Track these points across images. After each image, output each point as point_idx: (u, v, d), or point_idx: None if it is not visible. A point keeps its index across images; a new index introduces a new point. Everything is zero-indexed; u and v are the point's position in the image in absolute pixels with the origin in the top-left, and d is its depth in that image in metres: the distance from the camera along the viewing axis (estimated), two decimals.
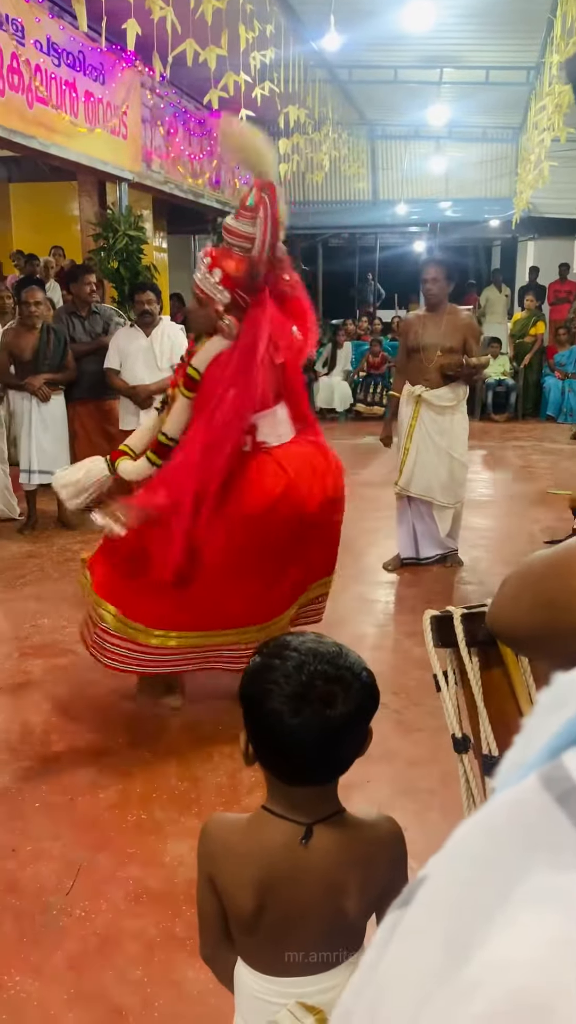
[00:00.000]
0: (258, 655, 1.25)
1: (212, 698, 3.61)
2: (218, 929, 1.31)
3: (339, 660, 1.20)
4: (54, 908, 2.37)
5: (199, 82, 7.91)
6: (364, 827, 1.29)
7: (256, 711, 1.20)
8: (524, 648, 1.45)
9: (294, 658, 1.19)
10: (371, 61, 9.88)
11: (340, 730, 1.17)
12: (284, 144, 8.92)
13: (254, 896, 1.23)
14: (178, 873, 2.51)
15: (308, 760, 1.19)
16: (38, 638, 4.26)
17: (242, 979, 1.31)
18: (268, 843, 1.24)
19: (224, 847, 1.28)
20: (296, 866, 1.23)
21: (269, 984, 1.27)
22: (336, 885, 1.23)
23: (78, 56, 7.46)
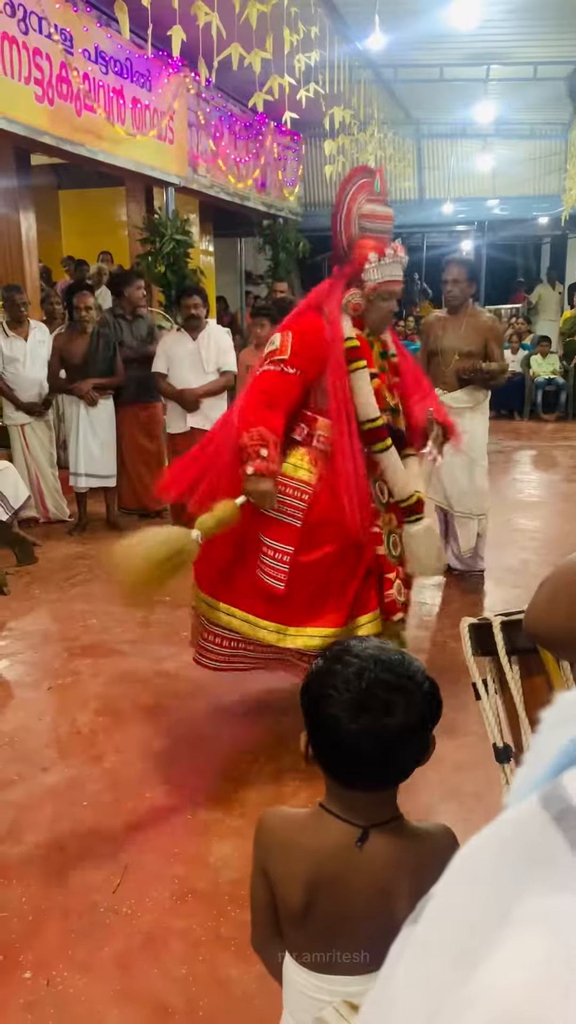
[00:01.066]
0: (322, 658, 1.25)
1: (258, 699, 3.63)
2: (269, 920, 1.33)
3: (400, 668, 1.20)
4: (101, 906, 2.41)
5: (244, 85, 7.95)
6: (421, 836, 1.28)
7: (316, 714, 1.21)
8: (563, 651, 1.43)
9: (355, 664, 1.19)
10: (416, 60, 9.83)
11: (399, 739, 1.17)
12: (329, 145, 8.93)
13: (304, 892, 1.24)
14: (223, 874, 2.52)
15: (365, 767, 1.19)
16: (87, 638, 4.33)
17: (290, 974, 1.32)
18: (323, 841, 1.25)
19: (279, 840, 1.29)
20: (348, 867, 1.23)
21: (316, 981, 1.28)
22: (386, 891, 1.23)
23: (125, 63, 7.56)
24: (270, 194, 11.71)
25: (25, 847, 2.66)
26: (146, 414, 6.57)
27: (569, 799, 0.34)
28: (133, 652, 4.16)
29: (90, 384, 6.08)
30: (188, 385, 6.08)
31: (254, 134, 10.92)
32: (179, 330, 6.27)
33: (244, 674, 3.50)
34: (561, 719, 0.39)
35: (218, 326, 6.42)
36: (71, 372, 6.18)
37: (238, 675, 3.53)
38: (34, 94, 6.34)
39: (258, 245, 12.64)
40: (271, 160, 11.56)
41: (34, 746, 3.29)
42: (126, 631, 4.41)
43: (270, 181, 11.63)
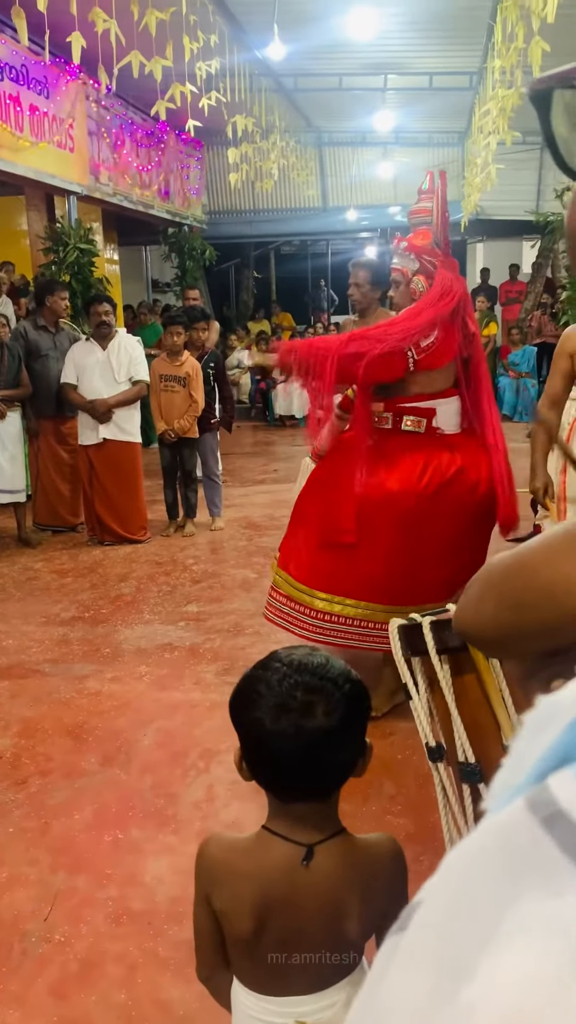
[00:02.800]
0: (250, 668, 1.25)
1: (183, 714, 3.59)
2: (214, 949, 1.31)
3: (321, 671, 1.20)
4: (33, 935, 2.33)
5: (146, 93, 7.90)
6: (365, 846, 1.28)
7: (242, 721, 1.22)
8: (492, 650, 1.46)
9: (278, 669, 1.20)
10: (316, 69, 9.94)
11: (320, 741, 1.17)
12: (232, 154, 8.94)
13: (252, 917, 1.22)
14: (158, 892, 2.48)
15: (292, 771, 1.19)
16: (3, 659, 4.20)
17: (239, 999, 1.31)
18: (268, 864, 1.24)
19: (223, 867, 1.27)
20: (296, 888, 1.22)
21: (266, 1004, 1.27)
22: (336, 907, 1.23)
23: (21, 70, 7.40)
24: (174, 202, 11.65)
25: None
26: (66, 428, 6.45)
27: (557, 802, 0.34)
28: (53, 672, 4.06)
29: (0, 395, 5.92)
30: (99, 395, 5.99)
31: (156, 142, 10.84)
32: (88, 339, 6.17)
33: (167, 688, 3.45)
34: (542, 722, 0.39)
35: (129, 335, 6.35)
36: None
37: (163, 689, 3.49)
38: None
39: (164, 253, 12.55)
40: (174, 168, 11.51)
41: None
42: (44, 650, 4.30)
43: (174, 189, 11.57)
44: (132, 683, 3.90)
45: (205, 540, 6.31)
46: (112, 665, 4.11)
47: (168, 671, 4.02)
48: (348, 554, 3.30)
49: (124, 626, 4.61)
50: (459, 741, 1.63)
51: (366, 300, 4.66)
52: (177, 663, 4.10)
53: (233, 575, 5.42)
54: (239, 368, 13.57)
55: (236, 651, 4.18)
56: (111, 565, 5.70)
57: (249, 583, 5.23)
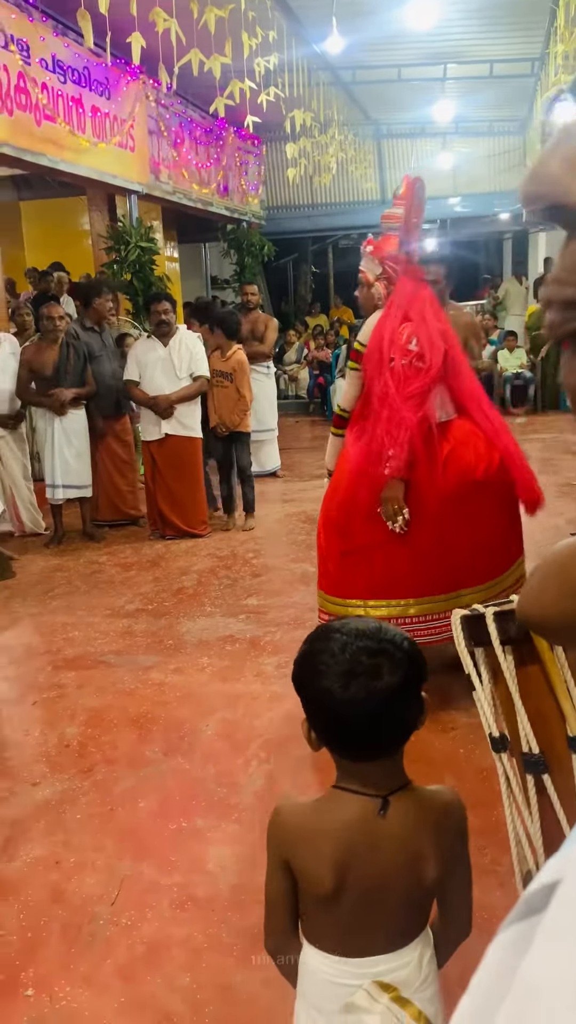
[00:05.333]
0: (306, 643, 1.31)
1: (245, 704, 3.62)
2: (287, 916, 1.36)
3: (380, 635, 1.26)
4: (100, 918, 2.39)
5: (204, 91, 7.96)
6: (432, 795, 1.35)
7: (310, 694, 1.27)
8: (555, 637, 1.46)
9: (338, 639, 1.26)
10: (374, 61, 9.89)
11: (390, 700, 1.23)
12: (291, 148, 8.95)
13: (334, 873, 1.27)
14: (221, 879, 2.52)
15: (364, 733, 1.25)
16: (70, 651, 4.30)
17: (312, 966, 1.34)
18: (345, 819, 1.28)
19: (300, 829, 1.32)
20: (374, 838, 1.28)
21: (343, 966, 1.30)
22: (414, 852, 1.29)
23: (83, 72, 7.53)
24: (233, 198, 11.71)
25: (20, 863, 2.64)
26: (119, 424, 6.57)
27: None
28: (118, 663, 4.14)
29: (70, 395, 6.04)
30: (161, 391, 6.07)
31: (215, 139, 10.92)
32: (149, 337, 6.25)
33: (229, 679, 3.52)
34: None
35: (189, 332, 6.41)
36: (41, 384, 6.13)
37: (224, 680, 3.60)
38: None
39: (223, 250, 12.63)
40: (233, 165, 11.57)
41: (23, 761, 3.26)
42: (109, 642, 4.39)
43: (232, 185, 11.64)
44: (194, 674, 3.96)
45: (264, 534, 6.35)
46: (175, 656, 4.17)
47: (229, 663, 4.06)
48: (369, 556, 3.36)
49: (186, 618, 4.67)
50: (523, 732, 1.62)
51: (441, 295, 4.62)
52: (238, 655, 4.14)
53: (292, 569, 5.45)
54: (297, 363, 13.58)
55: (296, 644, 4.16)
56: (173, 559, 5.78)
57: (308, 576, 5.25)
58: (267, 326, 8.10)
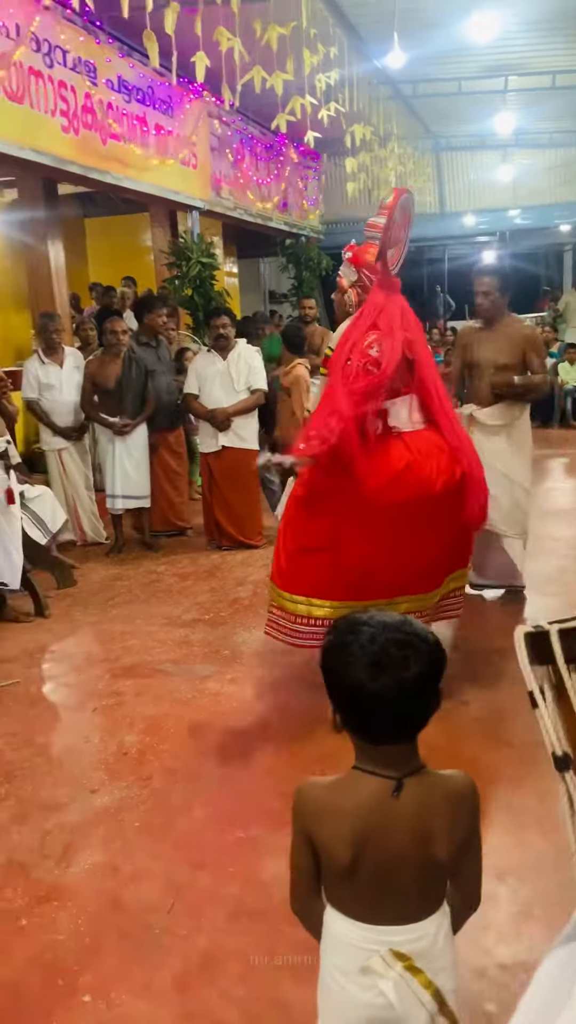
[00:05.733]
0: (331, 634, 1.40)
1: (303, 715, 3.62)
2: (310, 883, 1.46)
3: (406, 627, 1.36)
4: (157, 927, 2.40)
5: (266, 107, 8.05)
6: (445, 779, 1.42)
7: (339, 683, 1.36)
8: None
9: (366, 631, 1.34)
10: (435, 75, 9.88)
11: (416, 690, 1.32)
12: (351, 163, 8.99)
13: (352, 848, 1.36)
14: (276, 892, 2.51)
15: (391, 720, 1.34)
16: (128, 659, 4.35)
17: (335, 928, 1.44)
18: (363, 798, 1.37)
19: (322, 806, 1.41)
20: (389, 817, 1.36)
21: (362, 931, 1.40)
22: (426, 832, 1.37)
23: (147, 91, 7.69)
24: (291, 213, 11.80)
25: (79, 869, 2.67)
26: (173, 437, 6.64)
27: None
28: (175, 672, 4.17)
29: (125, 428, 6.15)
30: (219, 404, 6.12)
31: (275, 155, 11.02)
32: (209, 351, 6.32)
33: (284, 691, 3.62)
34: None
35: (248, 345, 6.46)
36: (105, 397, 6.24)
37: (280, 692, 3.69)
38: (60, 125, 6.46)
39: (281, 264, 12.72)
40: (292, 180, 11.66)
41: (82, 768, 3.30)
42: (167, 651, 4.43)
43: (292, 201, 11.72)
44: (251, 685, 3.97)
45: None
46: (231, 667, 4.19)
47: (285, 674, 4.06)
48: (317, 558, 3.45)
49: (242, 629, 4.69)
50: None
51: (495, 308, 4.58)
52: (294, 667, 4.13)
53: None
54: None
55: None
56: (229, 569, 5.81)
57: None
58: (323, 339, 8.11)
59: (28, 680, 4.16)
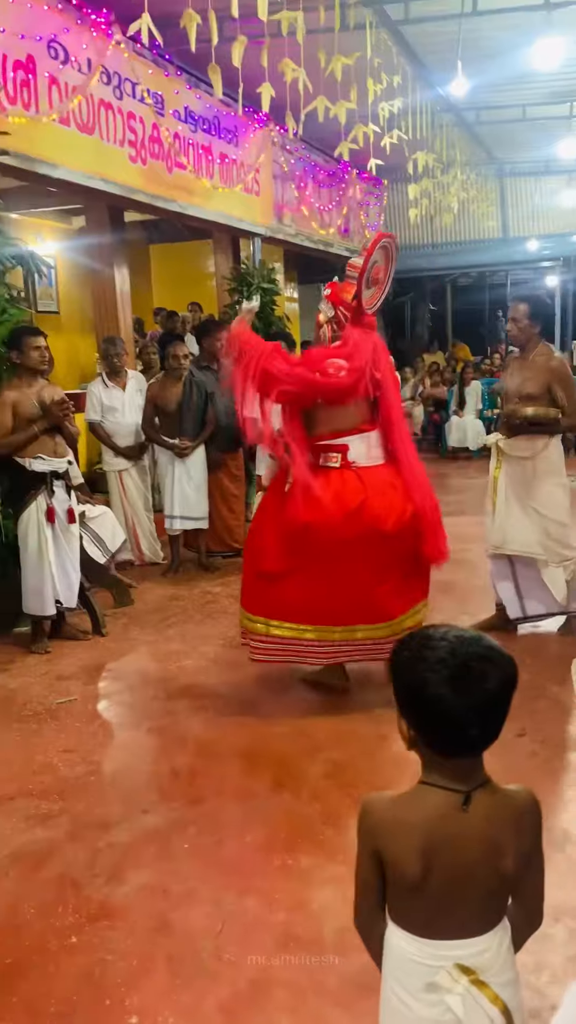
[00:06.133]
0: (405, 650, 1.40)
1: (355, 744, 3.59)
2: (374, 898, 1.46)
3: (484, 641, 1.37)
4: (204, 951, 2.39)
5: (329, 136, 8.14)
6: (510, 793, 1.43)
7: (416, 698, 1.36)
8: None
9: (444, 646, 1.35)
10: (499, 101, 9.89)
11: (494, 703, 1.34)
12: (413, 189, 9.02)
13: (420, 861, 1.36)
14: (326, 921, 2.48)
15: (468, 734, 1.34)
16: (183, 679, 4.37)
17: (398, 944, 1.44)
18: (431, 812, 1.38)
19: (390, 819, 1.41)
20: (457, 830, 1.37)
21: (426, 947, 1.40)
22: (494, 845, 1.37)
23: (213, 121, 7.84)
24: (353, 239, 11.87)
25: (128, 889, 2.68)
26: (233, 459, 6.69)
27: None
28: (228, 693, 4.18)
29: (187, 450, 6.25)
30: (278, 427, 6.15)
31: (338, 182, 11.12)
32: None
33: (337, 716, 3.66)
34: None
35: None
36: (165, 419, 6.34)
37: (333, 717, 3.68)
38: (128, 155, 6.63)
39: None
40: (354, 206, 11.74)
41: (134, 787, 3.32)
42: (221, 672, 4.44)
43: (353, 227, 11.80)
44: (303, 709, 3.95)
45: None
46: (284, 691, 4.18)
47: (338, 699, 4.04)
48: (275, 582, 3.70)
49: None
50: None
51: (524, 335, 4.53)
52: (348, 693, 4.11)
53: None
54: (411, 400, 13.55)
55: None
56: None
57: None
58: None
59: (85, 697, 4.22)
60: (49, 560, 4.76)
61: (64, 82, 5.76)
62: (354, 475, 3.64)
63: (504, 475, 4.58)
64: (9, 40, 5.24)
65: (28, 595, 4.84)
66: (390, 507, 3.60)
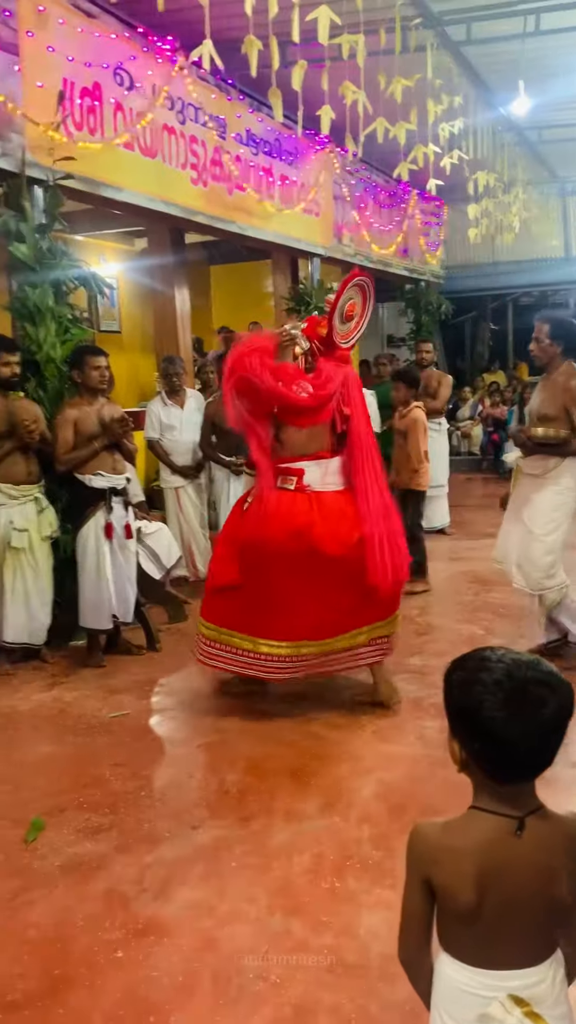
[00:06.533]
0: (459, 670, 1.37)
1: (406, 767, 3.55)
2: (423, 930, 1.43)
3: (542, 666, 1.34)
4: (250, 972, 2.38)
5: (388, 156, 8.16)
6: (564, 819, 1.39)
7: (471, 721, 1.33)
8: None
9: (500, 668, 1.32)
10: (561, 120, 9.79)
11: (552, 727, 1.31)
12: (473, 209, 8.98)
13: (474, 889, 1.32)
14: (372, 947, 2.45)
15: (525, 758, 1.32)
16: (234, 697, 4.38)
17: (448, 976, 1.39)
18: (483, 838, 1.35)
19: (441, 847, 1.37)
20: (512, 857, 1.34)
21: (479, 977, 1.36)
22: (548, 872, 1.34)
23: (274, 143, 7.95)
24: (412, 259, 11.87)
25: (175, 905, 2.68)
26: None
27: None
28: (279, 713, 4.17)
29: (239, 463, 6.28)
30: None
31: (397, 202, 11.15)
32: None
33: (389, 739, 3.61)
34: None
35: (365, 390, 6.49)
36: (222, 437, 6.40)
37: (384, 740, 3.61)
38: (190, 178, 6.75)
39: (400, 309, 12.77)
40: (414, 226, 11.74)
41: (184, 803, 3.33)
42: (273, 690, 4.43)
43: (412, 246, 11.80)
44: (354, 731, 3.92)
45: (430, 592, 6.25)
46: (335, 711, 4.15)
47: (390, 723, 4.00)
48: (227, 595, 3.94)
49: (348, 673, 4.65)
50: None
51: (546, 355, 4.50)
52: (400, 715, 4.07)
53: (458, 630, 5.31)
54: (471, 420, 13.43)
55: None
56: None
57: (475, 639, 5.11)
58: (440, 382, 8.13)
59: (137, 712, 4.26)
60: (107, 575, 4.84)
61: (129, 108, 5.90)
62: (306, 498, 3.83)
63: (517, 491, 4.62)
64: (78, 69, 5.40)
65: (85, 609, 4.92)
66: (335, 531, 3.76)
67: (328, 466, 3.93)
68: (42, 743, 3.94)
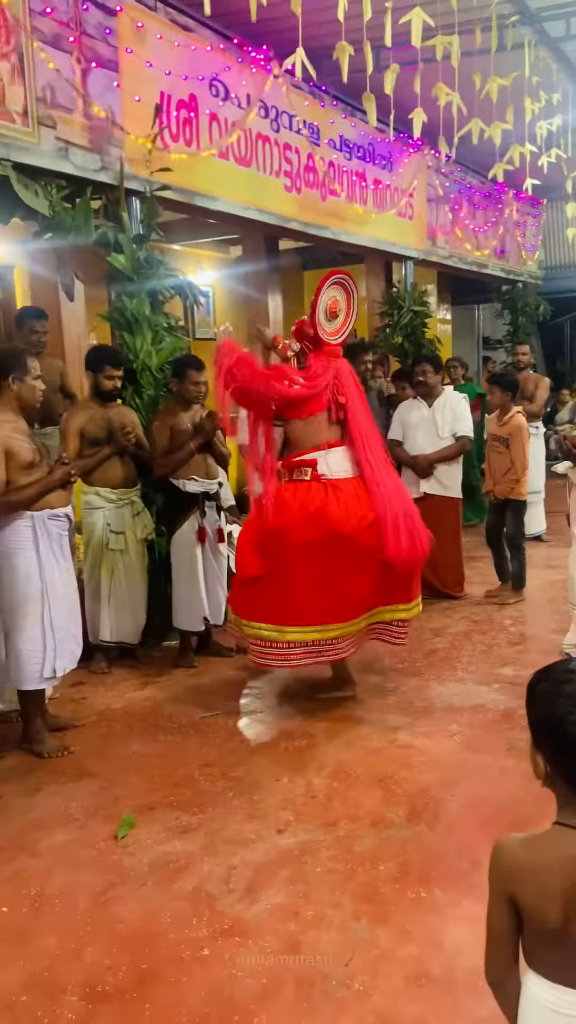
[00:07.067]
0: (543, 681, 1.35)
1: (495, 779, 3.48)
2: (509, 950, 1.39)
3: None
4: (333, 978, 2.38)
5: (484, 156, 8.04)
6: None
7: (555, 733, 1.31)
8: None
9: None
10: None
11: None
12: (572, 208, 8.74)
13: (562, 906, 1.29)
14: (457, 960, 2.41)
15: None
16: (322, 700, 4.38)
17: (536, 995, 1.36)
18: (568, 855, 1.31)
19: (528, 864, 1.35)
20: None
21: (568, 996, 1.32)
22: None
23: (367, 148, 7.93)
24: (509, 260, 11.63)
25: (261, 908, 2.71)
26: None
27: None
28: (367, 719, 4.16)
29: None
30: (422, 451, 6.11)
31: (493, 202, 10.95)
32: (416, 398, 6.33)
33: (478, 750, 3.53)
34: None
35: (455, 392, 6.42)
36: None
37: (474, 750, 3.55)
38: (283, 185, 6.80)
39: (496, 310, 12.54)
40: (510, 227, 11.51)
41: (270, 806, 3.35)
42: (361, 695, 4.42)
43: (509, 247, 11.57)
44: (443, 740, 3.87)
45: (524, 601, 6.11)
46: (424, 719, 4.11)
47: (480, 732, 3.93)
48: (255, 586, 4.03)
49: (437, 681, 4.60)
50: None
51: None
52: (490, 726, 4.00)
53: (552, 640, 5.18)
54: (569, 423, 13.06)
55: None
56: (426, 619, 5.71)
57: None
58: (537, 385, 7.96)
59: (227, 713, 4.31)
60: (199, 578, 4.93)
61: (224, 118, 5.99)
62: (320, 486, 4.01)
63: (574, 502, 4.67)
64: (174, 81, 5.51)
65: (179, 610, 5.03)
66: (349, 513, 3.92)
67: (338, 454, 4.11)
68: (134, 741, 4.03)
